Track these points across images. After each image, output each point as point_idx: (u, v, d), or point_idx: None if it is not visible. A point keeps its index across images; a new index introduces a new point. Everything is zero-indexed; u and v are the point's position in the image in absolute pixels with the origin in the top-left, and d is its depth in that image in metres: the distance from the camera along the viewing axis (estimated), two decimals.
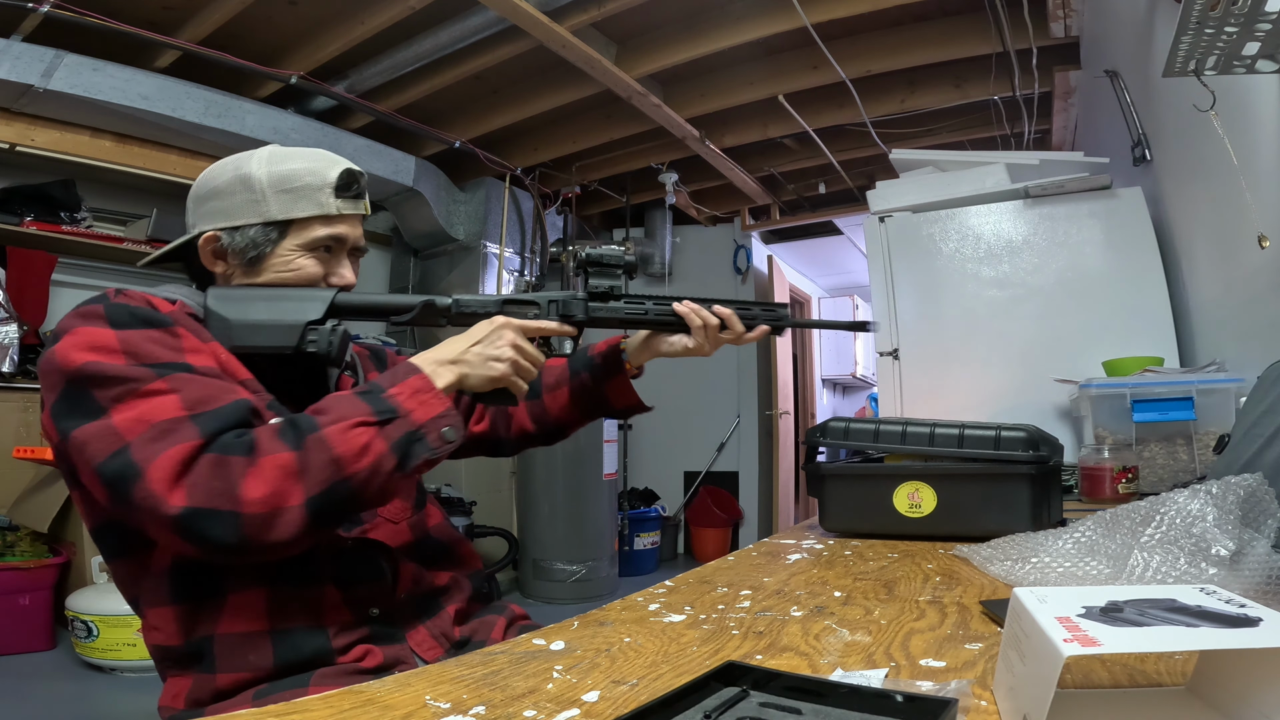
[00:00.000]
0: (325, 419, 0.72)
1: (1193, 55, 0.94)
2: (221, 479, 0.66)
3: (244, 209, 0.84)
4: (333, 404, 0.75)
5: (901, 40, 3.25)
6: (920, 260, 2.22)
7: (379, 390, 0.76)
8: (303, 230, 0.85)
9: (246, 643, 0.74)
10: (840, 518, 1.16)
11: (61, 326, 0.74)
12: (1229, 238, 1.52)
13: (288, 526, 0.67)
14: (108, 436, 0.67)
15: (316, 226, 0.86)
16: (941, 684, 0.48)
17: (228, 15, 2.83)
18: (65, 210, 3.15)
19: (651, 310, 0.98)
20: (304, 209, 0.85)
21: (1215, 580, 0.60)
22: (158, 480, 0.65)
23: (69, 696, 2.36)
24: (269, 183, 0.85)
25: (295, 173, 0.85)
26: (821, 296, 6.95)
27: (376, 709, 0.47)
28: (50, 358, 0.71)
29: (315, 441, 0.70)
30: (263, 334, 0.80)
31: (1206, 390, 1.48)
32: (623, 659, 0.56)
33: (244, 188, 0.85)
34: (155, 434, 0.67)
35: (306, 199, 0.85)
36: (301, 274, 0.85)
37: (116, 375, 0.69)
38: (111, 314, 0.74)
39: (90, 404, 0.69)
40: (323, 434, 0.70)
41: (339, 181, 0.87)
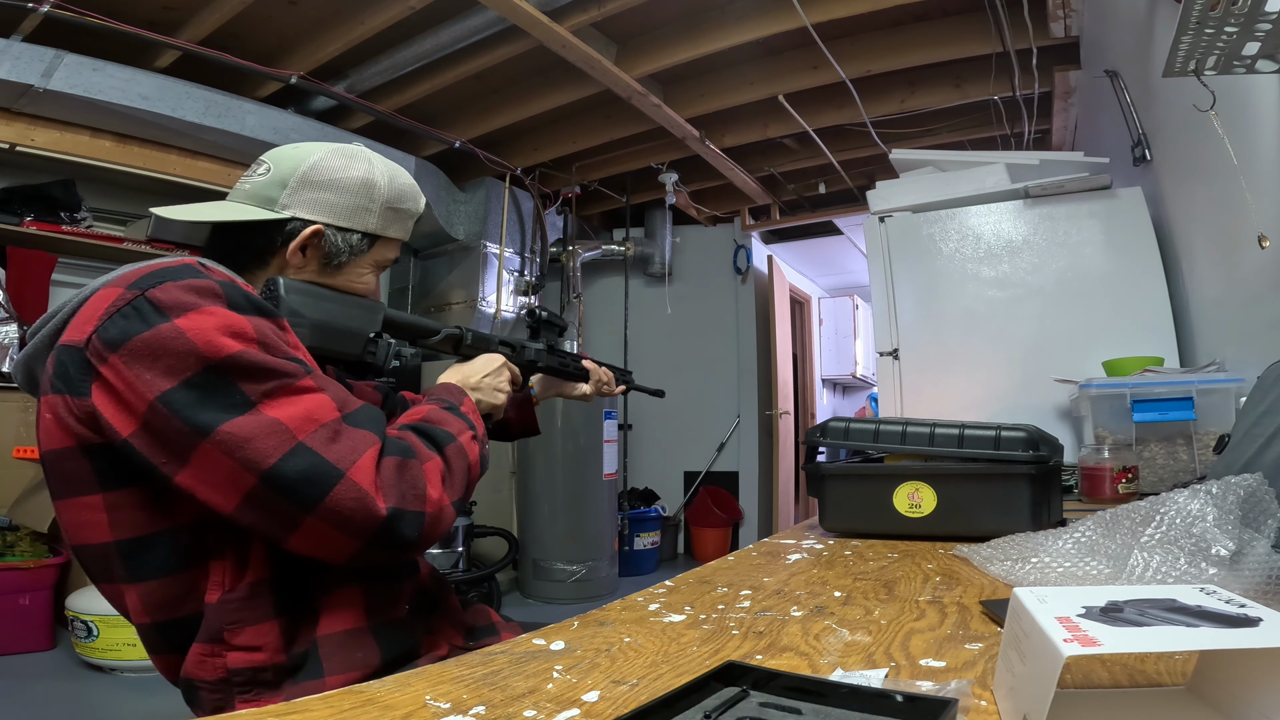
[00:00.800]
0: (450, 428, 0.79)
1: (1193, 55, 0.94)
2: (409, 481, 0.69)
3: (356, 214, 0.85)
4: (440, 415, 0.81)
5: (901, 40, 3.25)
6: (920, 260, 2.22)
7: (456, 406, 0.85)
8: (385, 249, 0.89)
9: (351, 641, 0.73)
10: (840, 518, 1.16)
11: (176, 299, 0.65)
12: (1229, 238, 1.52)
13: (448, 523, 0.72)
14: (277, 434, 0.63)
15: (394, 249, 0.90)
16: (941, 684, 0.48)
17: (228, 15, 2.83)
18: (65, 210, 3.15)
19: (571, 364, 1.27)
20: (397, 232, 0.90)
21: (1215, 580, 0.60)
22: (366, 483, 0.65)
23: (69, 696, 2.36)
24: (388, 195, 0.87)
25: (405, 194, 0.89)
26: (821, 296, 6.95)
27: (376, 709, 0.47)
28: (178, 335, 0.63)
29: (455, 450, 0.77)
30: (334, 337, 0.83)
31: (1206, 390, 1.48)
32: (623, 659, 0.56)
33: (365, 193, 0.85)
34: (330, 435, 0.65)
35: (402, 223, 0.90)
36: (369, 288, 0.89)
37: (271, 368, 0.66)
38: (231, 296, 0.68)
39: (236, 396, 0.64)
40: (459, 443, 0.78)
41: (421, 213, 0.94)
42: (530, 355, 1.16)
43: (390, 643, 0.76)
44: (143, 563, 0.69)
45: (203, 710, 0.71)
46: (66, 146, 3.05)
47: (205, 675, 0.69)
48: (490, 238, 4.41)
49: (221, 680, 0.69)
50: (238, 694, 0.69)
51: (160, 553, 0.69)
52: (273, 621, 0.70)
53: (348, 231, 0.84)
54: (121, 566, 0.69)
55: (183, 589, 0.70)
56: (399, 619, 0.78)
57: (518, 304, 4.52)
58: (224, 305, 0.67)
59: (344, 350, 0.84)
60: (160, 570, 0.69)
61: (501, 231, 4.45)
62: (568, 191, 4.67)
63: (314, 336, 0.80)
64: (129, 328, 0.64)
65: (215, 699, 0.70)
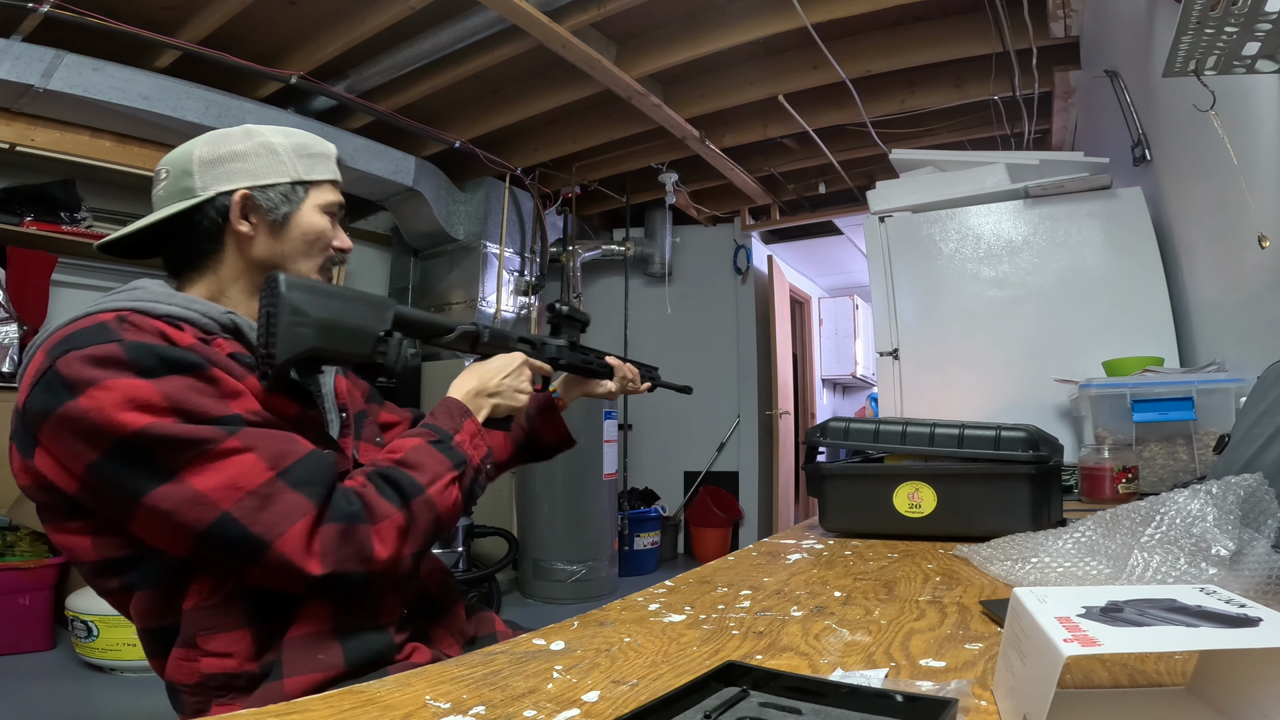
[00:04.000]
0: (423, 477, 0.77)
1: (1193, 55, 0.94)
2: (352, 546, 0.69)
3: (270, 170, 0.86)
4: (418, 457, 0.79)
5: (901, 40, 3.25)
6: (920, 260, 2.22)
7: (448, 438, 0.83)
8: (320, 192, 0.90)
9: (314, 642, 0.73)
10: (840, 518, 1.16)
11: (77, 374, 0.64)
12: (1229, 238, 1.52)
13: (403, 570, 0.74)
14: (200, 504, 0.64)
15: (328, 191, 0.91)
16: (941, 684, 0.48)
17: (228, 15, 2.83)
18: (65, 210, 3.15)
19: (595, 361, 1.21)
20: (322, 172, 0.90)
21: (1215, 580, 0.60)
22: (293, 552, 0.66)
23: (69, 696, 2.36)
24: (290, 148, 0.88)
25: (308, 143, 0.91)
26: (821, 296, 6.95)
27: (376, 709, 0.47)
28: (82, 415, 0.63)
29: (422, 504, 0.76)
30: (341, 337, 0.78)
31: (1206, 390, 1.48)
32: (623, 659, 0.56)
33: (267, 152, 0.87)
34: (258, 502, 0.65)
35: (323, 164, 0.91)
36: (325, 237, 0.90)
37: (183, 438, 0.64)
38: (135, 358, 0.66)
39: (156, 466, 0.64)
40: (428, 496, 0.77)
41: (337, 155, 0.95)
42: (551, 352, 1.11)
43: (357, 647, 0.75)
44: (133, 576, 0.72)
45: (184, 712, 0.73)
46: (66, 146, 3.05)
47: (183, 679, 0.72)
48: (490, 238, 4.41)
49: (198, 684, 0.71)
50: (214, 698, 0.71)
51: (147, 568, 0.72)
52: (245, 630, 0.72)
53: (273, 186, 0.85)
54: (114, 579, 0.73)
55: (168, 598, 0.72)
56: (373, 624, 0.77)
57: (518, 304, 4.53)
58: (129, 373, 0.65)
59: (352, 350, 0.79)
60: (148, 582, 0.72)
61: (501, 231, 4.45)
62: (568, 191, 4.67)
63: (319, 336, 0.76)
64: (48, 402, 0.65)
65: (194, 702, 0.72)
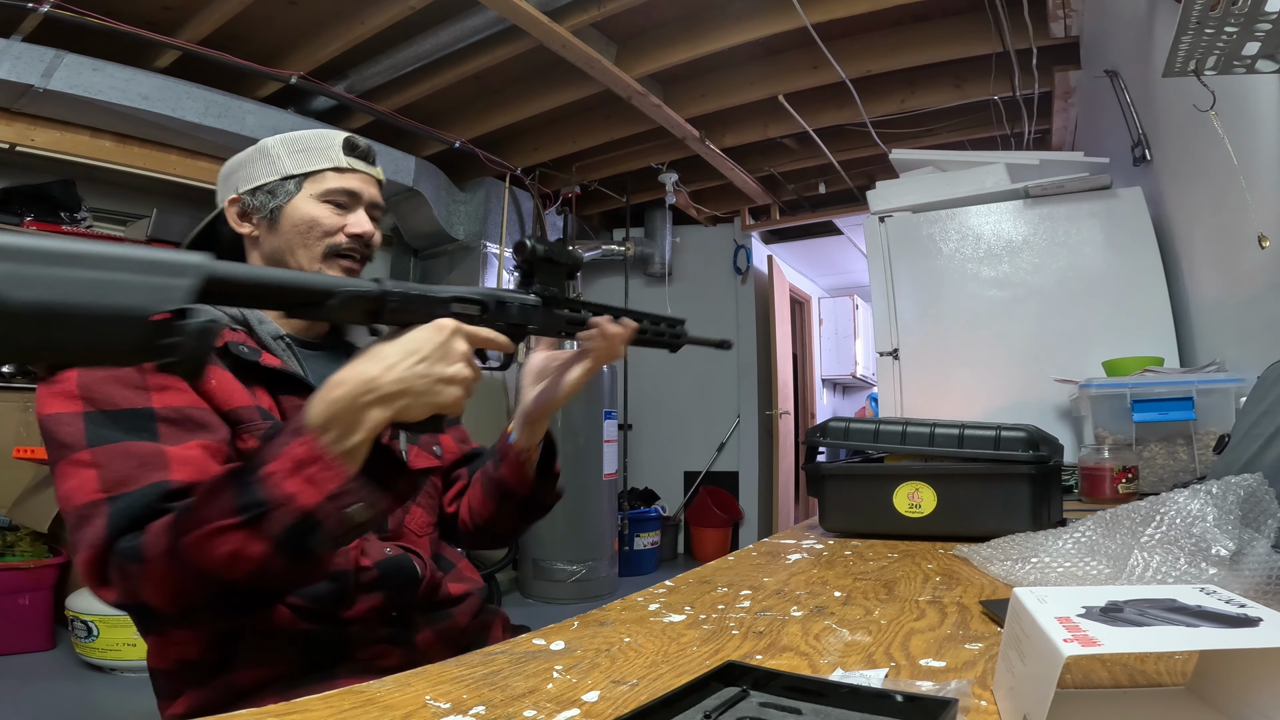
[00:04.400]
0: (193, 519, 0.59)
1: (1193, 55, 0.94)
2: (128, 584, 0.62)
3: (262, 171, 0.89)
4: (206, 491, 0.61)
5: (901, 40, 3.25)
6: (920, 260, 2.22)
7: (253, 469, 0.59)
8: (318, 181, 0.89)
9: (269, 639, 0.73)
10: (840, 518, 1.16)
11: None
12: (1229, 238, 1.52)
13: (208, 617, 0.66)
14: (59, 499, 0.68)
15: (329, 177, 0.89)
16: (941, 684, 0.48)
17: (228, 15, 2.83)
18: (65, 210, 3.15)
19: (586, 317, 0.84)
20: (317, 162, 0.89)
21: (1215, 580, 0.60)
22: (86, 576, 0.65)
23: (69, 696, 2.36)
24: (283, 146, 0.90)
25: (305, 137, 0.91)
26: (821, 296, 6.95)
27: (376, 709, 0.47)
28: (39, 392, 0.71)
29: (179, 554, 0.59)
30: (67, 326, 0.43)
31: (1206, 390, 1.48)
32: (623, 659, 0.56)
33: (261, 155, 0.90)
34: (77, 519, 0.66)
35: (321, 153, 0.90)
36: (323, 223, 0.87)
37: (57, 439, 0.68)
38: None
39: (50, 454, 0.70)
40: (181, 545, 0.59)
41: (345, 143, 0.92)
42: (514, 314, 0.74)
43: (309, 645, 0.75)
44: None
45: (161, 696, 0.77)
46: (66, 146, 3.05)
47: (159, 664, 0.76)
48: (490, 238, 4.41)
49: (171, 670, 0.75)
50: (184, 685, 0.74)
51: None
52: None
53: (262, 186, 0.88)
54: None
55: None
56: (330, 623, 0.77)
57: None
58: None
59: (94, 345, 0.44)
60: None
61: (501, 231, 4.45)
62: (568, 191, 4.67)
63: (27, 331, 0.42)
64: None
65: (169, 687, 0.76)
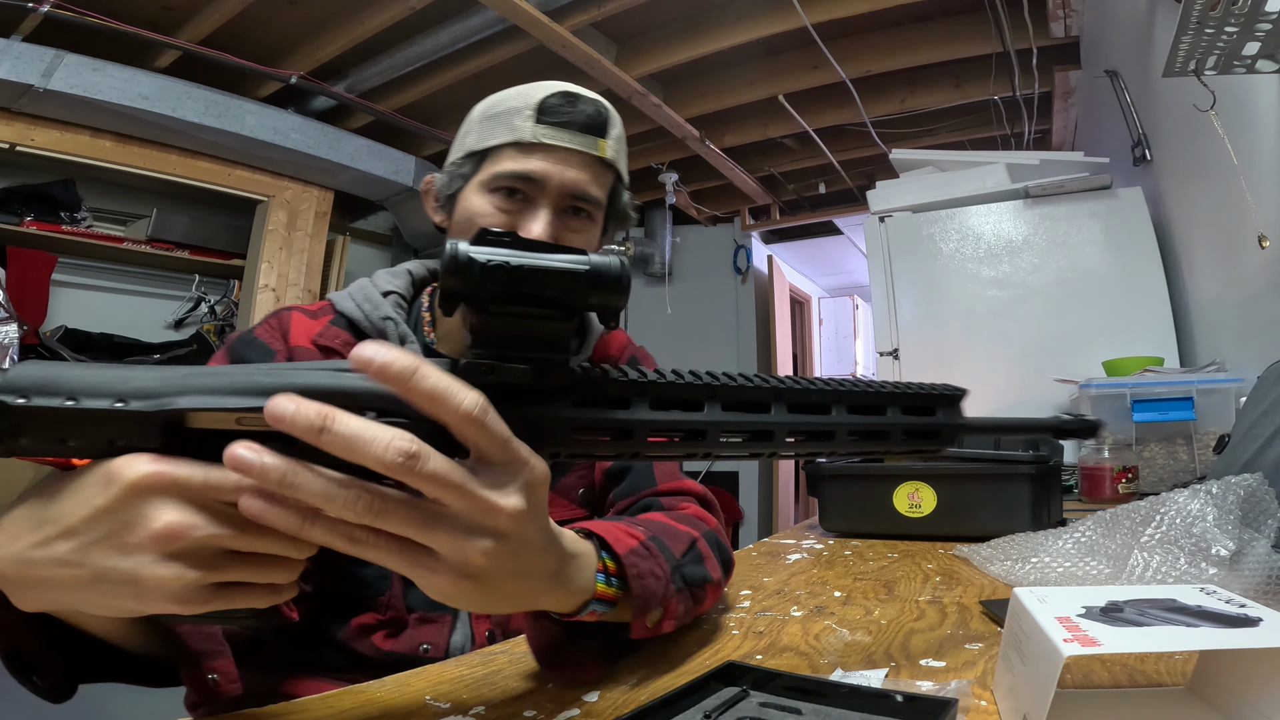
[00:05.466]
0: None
1: (1193, 55, 0.94)
2: None
3: (458, 145, 0.74)
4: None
5: (901, 40, 3.25)
6: (920, 260, 2.22)
7: None
8: (492, 163, 0.70)
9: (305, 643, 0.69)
10: (840, 518, 1.16)
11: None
12: (1229, 238, 1.52)
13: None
14: None
15: (505, 158, 0.69)
16: (941, 684, 0.48)
17: (228, 15, 2.83)
18: (65, 210, 3.15)
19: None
20: (498, 135, 0.70)
21: (1215, 580, 0.60)
22: None
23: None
24: (480, 111, 0.73)
25: (507, 96, 0.72)
26: (821, 296, 6.95)
27: (376, 709, 0.47)
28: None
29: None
30: None
31: (1206, 390, 1.48)
32: (623, 659, 0.56)
33: (465, 125, 0.75)
34: None
35: (503, 124, 0.70)
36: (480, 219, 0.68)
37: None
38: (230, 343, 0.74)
39: None
40: None
41: (543, 102, 0.69)
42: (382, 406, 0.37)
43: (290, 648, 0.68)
44: None
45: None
46: (66, 146, 3.05)
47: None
48: None
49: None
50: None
51: None
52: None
53: (453, 163, 0.74)
54: None
55: None
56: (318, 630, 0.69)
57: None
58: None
59: None
60: None
61: None
62: None
63: None
64: None
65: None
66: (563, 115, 0.69)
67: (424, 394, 0.33)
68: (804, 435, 0.46)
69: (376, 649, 0.68)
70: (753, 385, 0.44)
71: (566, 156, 0.69)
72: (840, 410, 0.47)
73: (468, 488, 0.34)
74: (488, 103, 0.74)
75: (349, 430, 0.32)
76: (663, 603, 0.53)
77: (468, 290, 0.36)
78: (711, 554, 0.63)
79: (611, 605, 0.50)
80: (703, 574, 0.59)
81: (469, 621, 0.71)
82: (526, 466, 0.37)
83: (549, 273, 0.36)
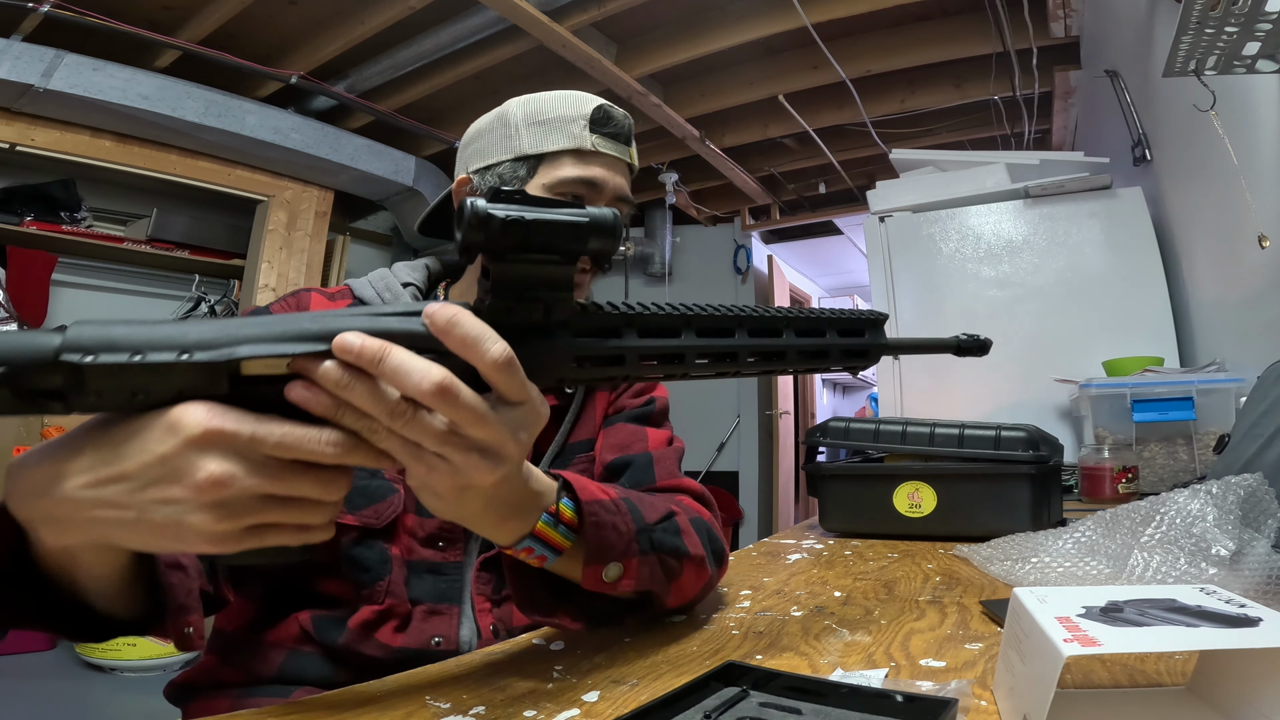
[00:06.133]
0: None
1: (1193, 55, 0.94)
2: None
3: (498, 146, 0.77)
4: None
5: (901, 40, 3.25)
6: (920, 260, 2.22)
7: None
8: (552, 168, 0.75)
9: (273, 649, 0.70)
10: (840, 518, 1.16)
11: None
12: (1229, 238, 1.52)
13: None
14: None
15: (566, 164, 0.75)
16: (941, 684, 0.48)
17: (228, 15, 2.83)
18: (65, 210, 3.15)
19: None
20: (555, 142, 0.76)
21: (1215, 580, 0.60)
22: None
23: (69, 696, 2.36)
24: (523, 116, 0.77)
25: (549, 104, 0.77)
26: (822, 296, 6.95)
27: (376, 709, 0.47)
28: None
29: None
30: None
31: (1206, 390, 1.48)
32: (623, 659, 0.56)
33: (500, 124, 0.78)
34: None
35: (559, 131, 0.76)
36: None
37: None
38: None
39: None
40: None
41: (594, 114, 0.76)
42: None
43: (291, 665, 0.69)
44: None
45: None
46: (66, 146, 3.05)
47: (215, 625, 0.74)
48: None
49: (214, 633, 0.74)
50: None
51: None
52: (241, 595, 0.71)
53: (494, 165, 0.77)
54: None
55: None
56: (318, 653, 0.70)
57: None
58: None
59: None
60: None
61: None
62: None
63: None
64: None
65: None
66: (611, 126, 0.78)
67: (458, 340, 0.40)
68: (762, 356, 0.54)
69: (385, 647, 0.68)
70: (720, 314, 0.52)
71: (614, 164, 0.78)
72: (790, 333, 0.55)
73: (489, 420, 0.41)
74: (530, 108, 0.78)
75: (400, 361, 0.39)
76: (622, 559, 0.56)
77: (488, 242, 0.41)
78: (693, 532, 0.65)
79: (557, 553, 0.54)
80: (676, 544, 0.62)
81: (474, 615, 0.72)
82: (535, 407, 0.44)
83: (557, 225, 0.42)
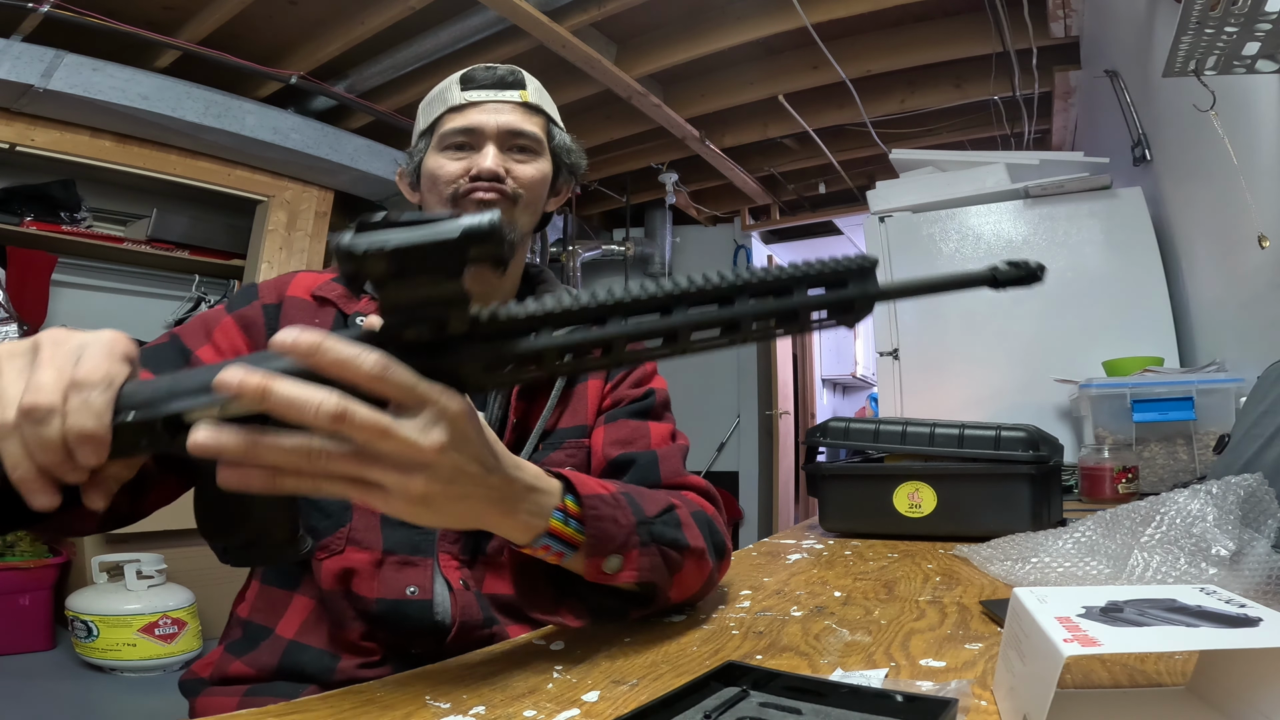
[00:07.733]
0: None
1: (1193, 55, 0.94)
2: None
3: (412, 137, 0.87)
4: None
5: (901, 40, 3.25)
6: (920, 260, 2.22)
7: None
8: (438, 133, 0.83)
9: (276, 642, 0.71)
10: (840, 518, 1.16)
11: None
12: (1229, 238, 1.52)
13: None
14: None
15: (446, 120, 0.82)
16: (941, 684, 0.48)
17: (228, 15, 2.83)
18: (65, 210, 3.15)
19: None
20: (436, 110, 0.83)
21: (1215, 580, 0.60)
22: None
23: (69, 696, 2.36)
24: (421, 106, 0.87)
25: (439, 86, 0.85)
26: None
27: (376, 709, 0.47)
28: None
29: None
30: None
31: (1206, 390, 1.48)
32: (623, 659, 0.56)
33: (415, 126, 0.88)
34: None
35: (437, 101, 0.84)
36: (441, 173, 0.80)
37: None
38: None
39: None
40: None
41: (463, 76, 0.83)
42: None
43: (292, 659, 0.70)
44: None
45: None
46: (66, 146, 3.05)
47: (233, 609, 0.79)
48: None
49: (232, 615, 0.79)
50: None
51: None
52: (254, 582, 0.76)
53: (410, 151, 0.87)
54: None
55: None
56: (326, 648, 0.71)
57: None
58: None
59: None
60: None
61: None
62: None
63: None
64: None
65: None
66: (482, 79, 0.83)
67: (331, 364, 0.40)
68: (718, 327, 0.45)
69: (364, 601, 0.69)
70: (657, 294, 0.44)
71: (495, 107, 0.82)
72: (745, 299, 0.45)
73: (392, 431, 0.40)
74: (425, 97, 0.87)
75: (287, 394, 0.39)
76: (622, 551, 0.57)
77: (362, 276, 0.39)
78: (693, 524, 0.65)
79: (574, 549, 0.55)
80: (676, 536, 0.62)
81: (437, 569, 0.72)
82: (438, 405, 0.42)
83: (426, 248, 0.39)
